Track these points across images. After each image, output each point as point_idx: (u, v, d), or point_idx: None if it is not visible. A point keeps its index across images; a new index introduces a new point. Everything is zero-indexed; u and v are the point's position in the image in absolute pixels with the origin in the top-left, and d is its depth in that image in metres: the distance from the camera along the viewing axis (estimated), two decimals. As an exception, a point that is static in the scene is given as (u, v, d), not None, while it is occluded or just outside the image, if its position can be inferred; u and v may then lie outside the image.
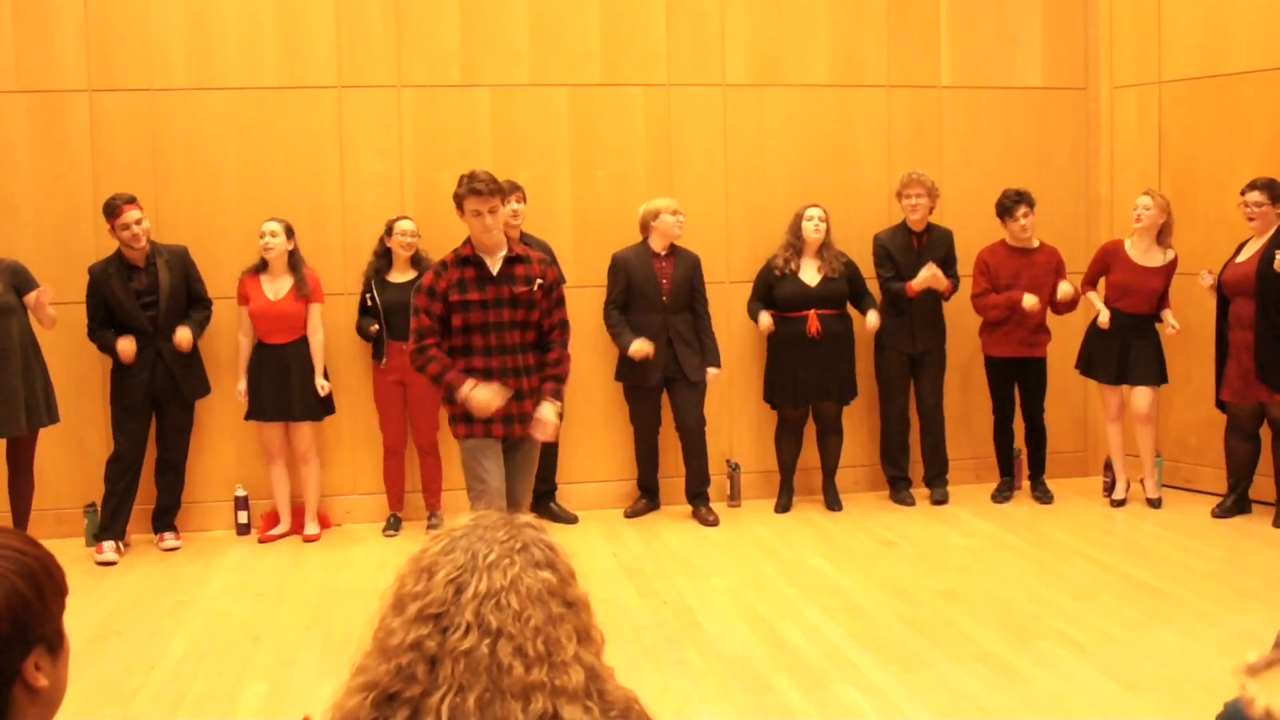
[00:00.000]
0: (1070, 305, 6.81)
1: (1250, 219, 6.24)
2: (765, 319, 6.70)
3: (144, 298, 6.08)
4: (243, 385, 6.36)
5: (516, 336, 4.83)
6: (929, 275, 6.66)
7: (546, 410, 4.86)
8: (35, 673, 1.31)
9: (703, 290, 6.68)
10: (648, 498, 6.89)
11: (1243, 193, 6.28)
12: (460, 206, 4.81)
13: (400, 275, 6.43)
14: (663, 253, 6.58)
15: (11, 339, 5.67)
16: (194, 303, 6.27)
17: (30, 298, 5.74)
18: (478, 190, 4.72)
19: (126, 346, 6.03)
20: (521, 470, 4.98)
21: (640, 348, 6.45)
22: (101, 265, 6.11)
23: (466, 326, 4.78)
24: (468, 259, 4.82)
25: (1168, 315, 6.58)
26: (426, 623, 1.44)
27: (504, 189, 4.98)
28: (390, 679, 1.42)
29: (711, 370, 6.67)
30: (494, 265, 4.80)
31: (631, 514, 6.81)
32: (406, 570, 1.51)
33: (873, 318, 6.72)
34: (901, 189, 6.80)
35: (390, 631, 1.45)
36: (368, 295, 6.45)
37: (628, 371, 6.66)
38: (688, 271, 6.62)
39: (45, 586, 1.34)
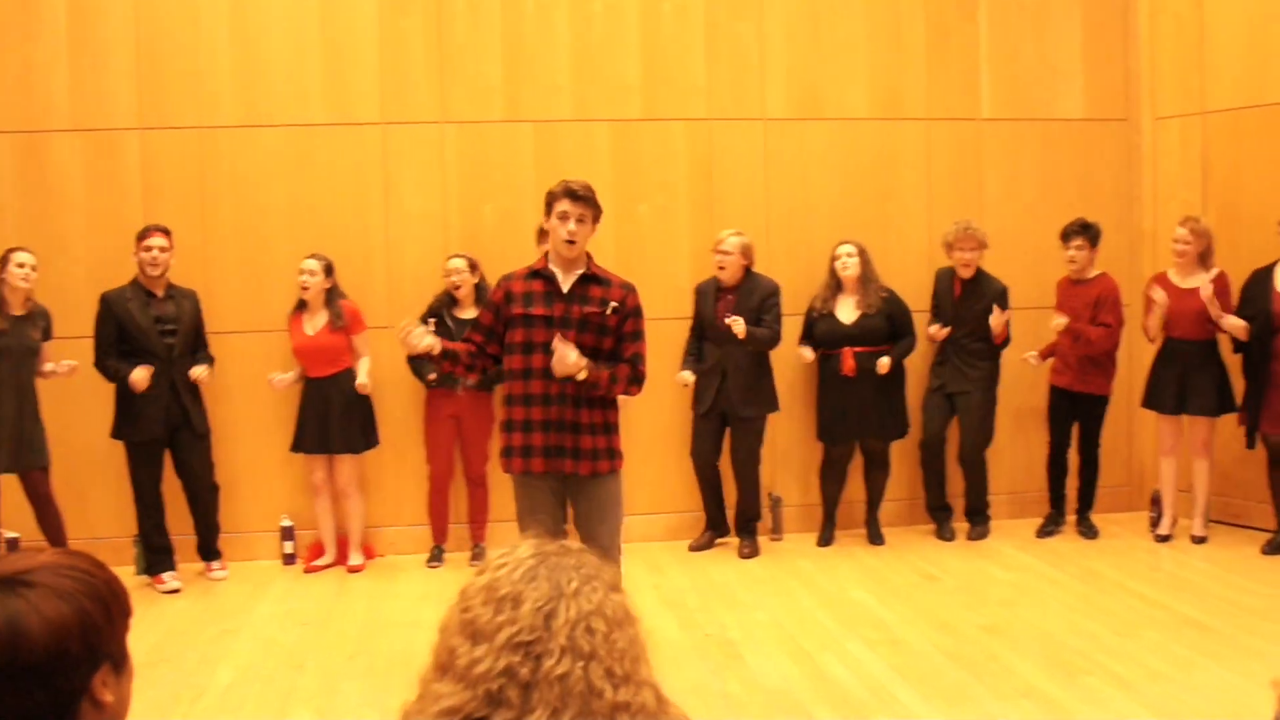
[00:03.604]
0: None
1: None
2: (806, 353, 6.75)
3: (164, 324, 6.09)
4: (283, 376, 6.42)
5: None
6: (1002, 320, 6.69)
7: (570, 352, 4.24)
8: (102, 689, 1.37)
9: (773, 316, 6.53)
10: (713, 529, 6.84)
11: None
12: (549, 207, 4.40)
13: (465, 313, 6.42)
14: (729, 284, 6.57)
15: (21, 378, 5.75)
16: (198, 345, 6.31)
17: (60, 366, 5.88)
18: (573, 192, 4.32)
19: (141, 376, 5.90)
20: (597, 513, 4.44)
21: (682, 377, 6.66)
22: (118, 291, 6.08)
23: (528, 344, 4.34)
24: (539, 272, 4.43)
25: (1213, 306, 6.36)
26: (517, 650, 1.48)
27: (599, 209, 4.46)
28: (477, 705, 1.46)
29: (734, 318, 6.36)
30: (565, 282, 4.39)
31: (696, 547, 6.79)
32: (479, 600, 1.53)
33: (884, 361, 6.58)
34: (954, 242, 6.73)
35: (474, 660, 1.48)
36: (433, 320, 6.32)
37: (694, 398, 6.76)
38: (751, 302, 6.51)
39: (112, 606, 1.40)
